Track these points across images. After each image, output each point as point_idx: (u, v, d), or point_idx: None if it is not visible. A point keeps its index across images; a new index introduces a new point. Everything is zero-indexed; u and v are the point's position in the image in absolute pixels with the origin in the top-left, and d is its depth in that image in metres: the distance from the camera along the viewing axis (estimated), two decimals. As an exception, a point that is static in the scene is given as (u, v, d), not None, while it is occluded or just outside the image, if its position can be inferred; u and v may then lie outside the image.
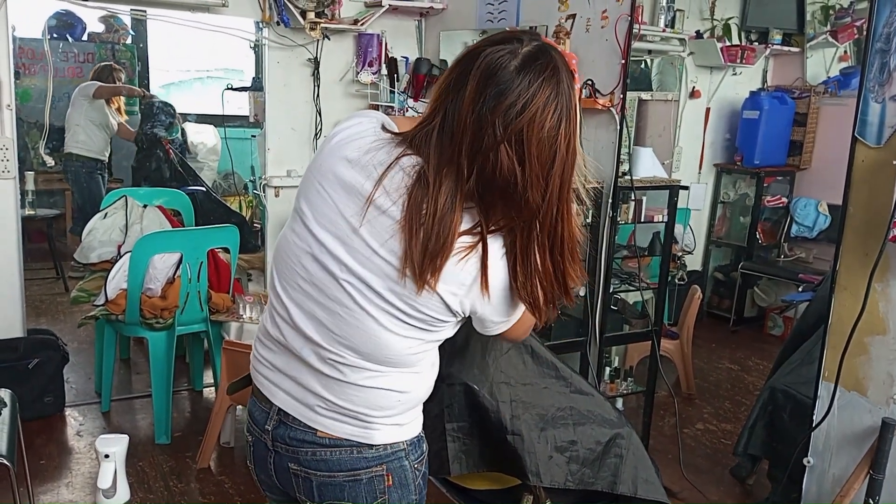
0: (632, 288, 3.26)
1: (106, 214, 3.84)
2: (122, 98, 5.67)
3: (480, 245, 1.14)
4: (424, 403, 1.39)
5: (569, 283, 1.22)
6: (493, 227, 1.14)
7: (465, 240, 1.13)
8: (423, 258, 1.12)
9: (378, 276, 1.16)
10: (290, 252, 1.23)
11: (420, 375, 1.29)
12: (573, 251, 1.20)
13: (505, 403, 1.73)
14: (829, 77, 4.85)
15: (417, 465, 1.34)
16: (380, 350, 1.21)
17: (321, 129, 4.01)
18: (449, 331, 1.26)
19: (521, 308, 1.25)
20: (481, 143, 1.08)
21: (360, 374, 1.23)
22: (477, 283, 1.16)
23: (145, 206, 3.89)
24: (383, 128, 1.19)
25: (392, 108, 4.13)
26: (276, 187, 4.00)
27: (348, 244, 1.16)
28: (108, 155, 5.51)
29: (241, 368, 2.80)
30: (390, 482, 1.29)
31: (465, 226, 1.13)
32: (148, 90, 6.58)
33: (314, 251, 1.19)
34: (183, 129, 5.85)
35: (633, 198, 3.07)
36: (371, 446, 1.27)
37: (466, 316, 1.23)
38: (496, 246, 1.16)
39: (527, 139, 1.08)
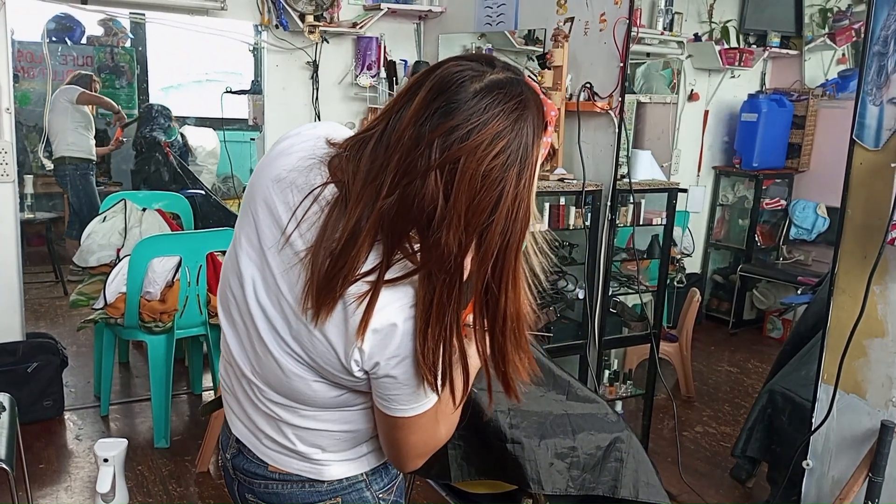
0: (631, 291, 3.27)
1: (105, 218, 3.84)
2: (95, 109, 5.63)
3: (378, 279, 0.95)
4: None
5: (510, 371, 1.01)
6: (400, 270, 0.95)
7: (370, 278, 0.95)
8: (321, 285, 0.96)
9: (278, 313, 1.04)
10: (225, 274, 1.14)
11: (363, 413, 1.12)
12: (519, 335, 0.99)
13: (503, 412, 1.73)
14: (827, 80, 4.86)
15: (384, 493, 1.22)
16: (294, 392, 1.08)
17: (320, 133, 4.00)
18: (347, 381, 1.04)
19: (433, 396, 1.02)
20: (413, 163, 0.91)
21: (293, 414, 1.11)
22: (373, 329, 0.97)
23: (144, 210, 3.89)
24: (327, 141, 1.05)
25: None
26: (275, 190, 3.99)
27: (262, 271, 1.05)
28: (95, 154, 5.50)
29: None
30: None
31: (374, 255, 0.96)
32: (147, 93, 6.59)
33: (240, 278, 1.08)
34: (182, 133, 5.86)
35: (631, 200, 3.07)
36: (322, 481, 1.16)
37: (367, 374, 1.02)
38: (405, 295, 0.97)
39: (461, 171, 0.90)
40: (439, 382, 0.98)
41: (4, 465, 2.16)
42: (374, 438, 1.17)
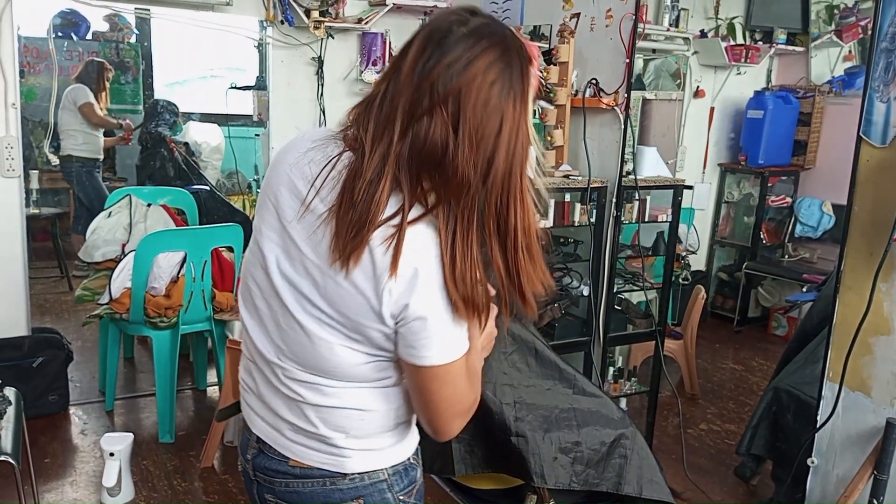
0: (636, 288, 3.26)
1: (110, 213, 3.85)
2: (106, 97, 5.56)
3: (401, 221, 1.02)
4: None
5: (524, 283, 1.08)
6: (421, 208, 1.03)
7: (395, 221, 1.02)
8: (347, 234, 1.02)
9: (304, 278, 1.09)
10: (246, 270, 1.20)
11: (384, 392, 1.15)
12: (530, 248, 1.07)
13: (508, 405, 1.73)
14: (833, 77, 4.84)
15: (404, 496, 1.22)
16: (319, 361, 1.12)
17: (325, 129, 4.01)
18: (377, 339, 1.09)
19: (462, 341, 1.08)
20: (419, 103, 1.01)
21: (316, 393, 1.14)
22: (402, 270, 1.02)
23: (149, 205, 3.89)
24: (333, 131, 1.14)
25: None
26: (279, 186, 3.99)
27: (284, 247, 1.11)
28: (102, 152, 5.50)
29: (244, 367, 2.82)
30: None
31: (395, 200, 1.03)
32: (152, 89, 6.59)
33: (263, 262, 1.14)
34: (187, 128, 5.86)
35: (637, 197, 3.07)
36: (344, 476, 1.17)
37: (397, 323, 1.06)
38: (429, 230, 1.03)
39: (464, 101, 1.00)
40: (471, 310, 1.05)
41: (10, 459, 2.17)
42: (395, 430, 1.20)
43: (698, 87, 4.68)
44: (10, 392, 2.46)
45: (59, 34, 5.95)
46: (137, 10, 4.74)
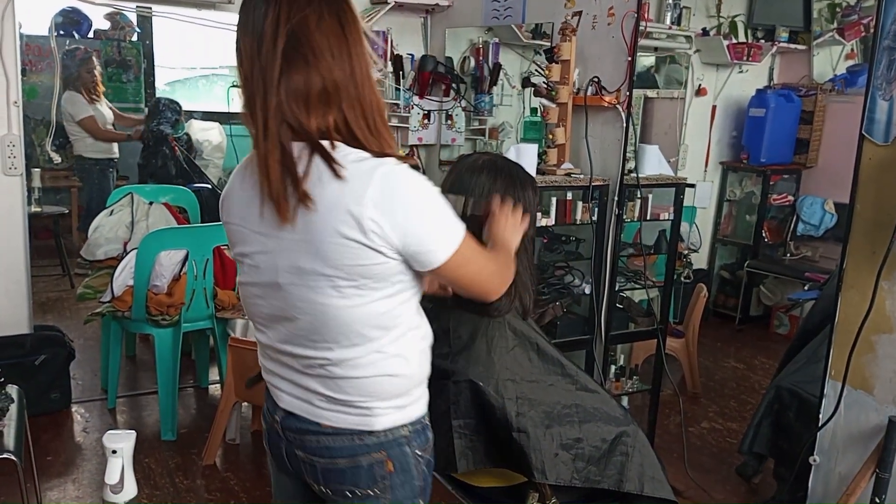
0: (637, 286, 3.26)
1: (112, 211, 3.85)
2: (100, 87, 5.50)
3: (316, 153, 1.20)
4: (430, 400, 1.40)
5: (385, 138, 1.27)
6: (326, 139, 1.21)
7: (314, 158, 1.20)
8: (285, 193, 1.19)
9: (283, 254, 1.25)
10: (244, 294, 1.40)
11: (403, 359, 1.31)
12: (383, 117, 1.28)
13: (511, 400, 1.73)
14: (835, 75, 4.83)
15: (421, 452, 1.37)
16: (330, 327, 1.26)
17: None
18: (381, 271, 1.23)
19: (456, 229, 1.26)
20: (267, 61, 1.19)
21: (343, 368, 1.29)
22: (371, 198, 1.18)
23: (151, 204, 3.90)
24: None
25: (397, 104, 4.13)
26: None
27: (262, 254, 1.30)
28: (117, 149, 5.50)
29: (246, 366, 2.82)
30: (391, 468, 1.33)
31: (297, 146, 1.21)
32: (154, 87, 6.60)
33: (259, 275, 1.32)
34: (188, 127, 5.86)
35: (638, 196, 3.06)
36: (371, 432, 1.31)
37: (383, 232, 1.20)
38: (353, 153, 1.21)
39: (300, 31, 1.19)
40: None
41: (13, 457, 2.17)
42: (415, 390, 1.35)
43: (700, 85, 4.68)
44: (12, 390, 2.47)
45: (61, 32, 5.95)
46: (139, 7, 4.74)
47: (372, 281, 1.23)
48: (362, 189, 1.17)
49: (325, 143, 1.20)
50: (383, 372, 1.29)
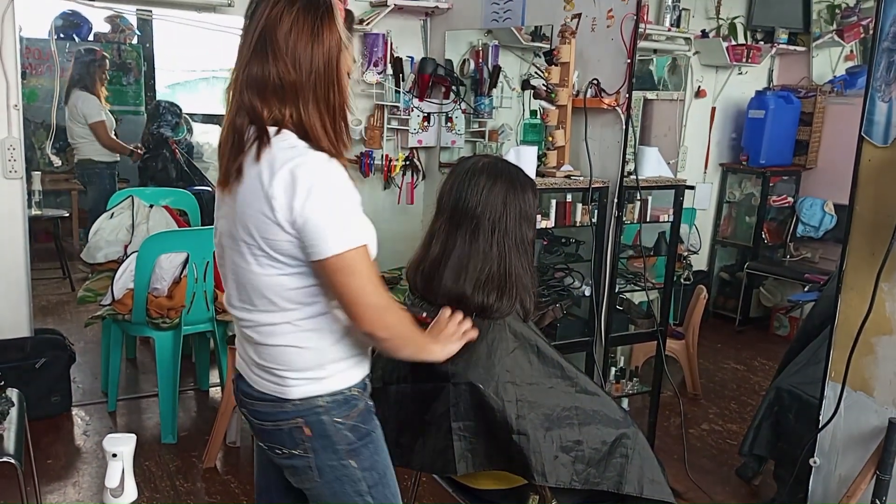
0: (637, 288, 3.26)
1: (112, 214, 3.85)
2: (105, 90, 5.50)
3: (263, 136, 1.35)
4: (430, 402, 1.41)
5: (339, 126, 1.41)
6: (275, 125, 1.36)
7: (261, 140, 1.35)
8: (230, 162, 1.37)
9: (227, 224, 1.43)
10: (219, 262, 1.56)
11: (316, 334, 1.43)
12: (344, 114, 1.42)
13: (510, 403, 1.73)
14: (835, 76, 4.84)
15: (342, 419, 1.47)
16: (246, 286, 1.42)
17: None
18: (288, 248, 1.35)
19: (355, 233, 1.34)
20: (250, 57, 1.35)
21: (262, 335, 1.45)
22: (280, 176, 1.32)
23: (151, 206, 3.90)
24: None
25: (397, 107, 4.13)
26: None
27: (226, 230, 1.46)
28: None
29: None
30: (309, 433, 1.46)
31: (253, 127, 1.36)
32: (154, 90, 6.60)
33: (219, 241, 1.51)
34: (189, 130, 5.86)
35: (638, 197, 3.06)
36: (288, 400, 1.46)
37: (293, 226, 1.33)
38: (290, 136, 1.36)
39: (272, 34, 1.34)
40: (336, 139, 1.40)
41: (13, 460, 2.17)
42: (333, 364, 1.46)
43: (699, 87, 4.68)
44: (12, 393, 2.47)
45: (61, 35, 5.95)
46: (139, 11, 4.73)
47: (282, 255, 1.36)
48: (278, 170, 1.31)
49: (272, 129, 1.35)
50: (293, 343, 1.43)
